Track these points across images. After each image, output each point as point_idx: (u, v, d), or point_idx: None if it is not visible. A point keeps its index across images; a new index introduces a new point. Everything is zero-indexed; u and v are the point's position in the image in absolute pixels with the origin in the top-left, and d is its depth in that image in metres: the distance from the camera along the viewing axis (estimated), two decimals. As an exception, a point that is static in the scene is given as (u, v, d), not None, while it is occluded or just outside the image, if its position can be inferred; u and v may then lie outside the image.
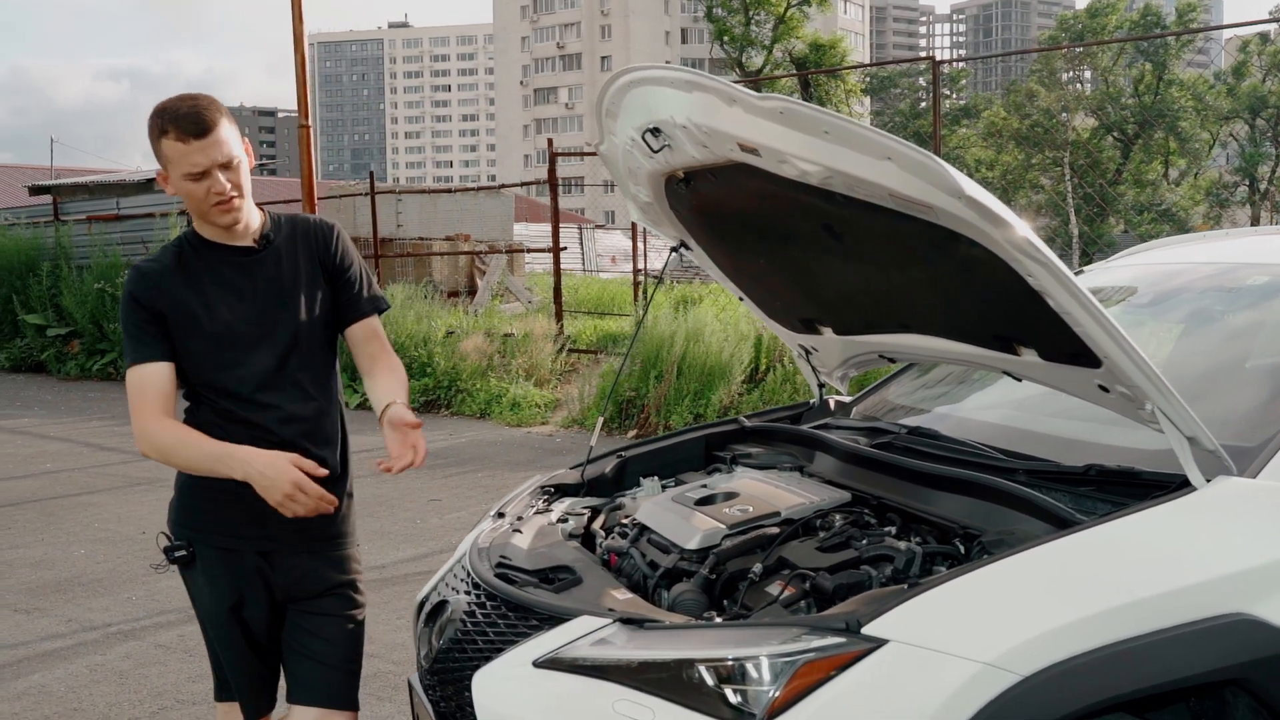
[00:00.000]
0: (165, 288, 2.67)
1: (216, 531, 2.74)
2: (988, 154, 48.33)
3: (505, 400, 11.62)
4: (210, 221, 2.69)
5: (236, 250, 2.75)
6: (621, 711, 2.20)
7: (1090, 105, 47.79)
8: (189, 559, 2.77)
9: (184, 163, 2.57)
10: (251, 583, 2.76)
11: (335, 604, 2.84)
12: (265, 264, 2.76)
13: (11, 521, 7.62)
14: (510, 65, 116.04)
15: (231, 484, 2.67)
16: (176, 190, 2.64)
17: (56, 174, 35.46)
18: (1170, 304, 3.68)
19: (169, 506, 2.85)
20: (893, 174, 2.29)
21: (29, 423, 12.07)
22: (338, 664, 2.82)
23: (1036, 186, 44.56)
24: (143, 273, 2.70)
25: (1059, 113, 45.09)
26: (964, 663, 2.09)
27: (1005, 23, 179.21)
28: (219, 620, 2.78)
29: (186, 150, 2.55)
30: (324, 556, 2.83)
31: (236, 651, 2.81)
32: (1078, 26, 55.08)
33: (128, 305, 2.68)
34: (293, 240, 2.81)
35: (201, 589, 2.79)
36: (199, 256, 2.73)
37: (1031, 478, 2.75)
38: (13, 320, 17.16)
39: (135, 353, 2.66)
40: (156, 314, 2.65)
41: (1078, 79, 53.27)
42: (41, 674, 4.82)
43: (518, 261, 19.33)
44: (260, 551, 2.76)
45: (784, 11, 48.67)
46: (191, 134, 2.54)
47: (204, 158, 2.56)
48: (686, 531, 2.86)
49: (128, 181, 20.13)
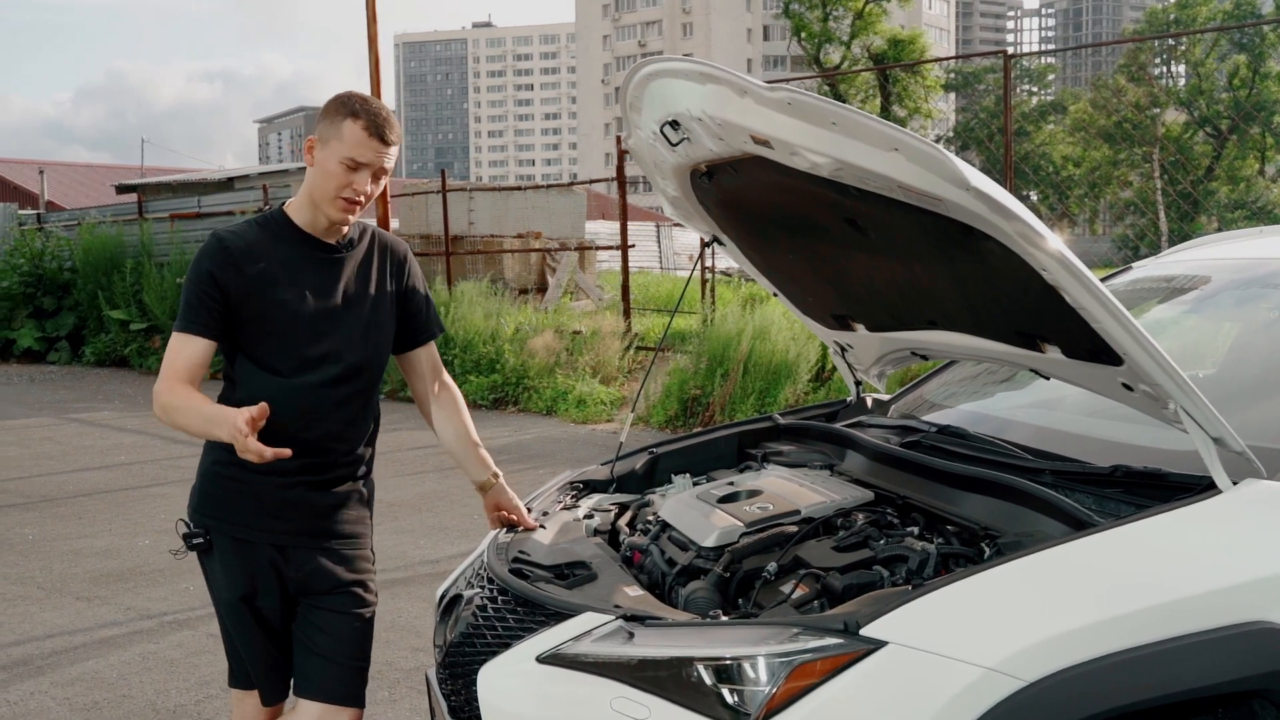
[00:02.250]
0: (242, 266, 2.70)
1: (233, 521, 2.78)
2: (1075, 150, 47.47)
3: (571, 397, 11.65)
4: (324, 211, 2.75)
5: (320, 244, 2.80)
6: (619, 709, 2.18)
7: (1181, 99, 46.64)
8: (206, 546, 2.80)
9: (354, 150, 2.66)
10: (265, 574, 2.79)
11: (345, 601, 2.85)
12: (344, 264, 2.83)
13: (84, 511, 7.82)
14: (592, 64, 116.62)
15: (247, 476, 2.71)
16: (320, 166, 2.70)
17: (146, 174, 36.38)
18: (1224, 299, 3.56)
19: (190, 493, 2.89)
20: (900, 165, 2.24)
21: (108, 415, 12.39)
22: (345, 661, 2.83)
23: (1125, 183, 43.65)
24: (224, 246, 2.71)
25: (1148, 107, 44.07)
26: (966, 667, 2.04)
27: (1096, 16, 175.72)
28: (233, 608, 2.81)
29: (364, 142, 2.67)
30: (336, 554, 2.84)
31: (252, 638, 2.84)
32: (1168, 19, 53.78)
33: (199, 274, 2.69)
34: (370, 250, 2.89)
35: (217, 576, 2.82)
36: (282, 240, 2.78)
37: (1057, 478, 2.68)
38: (98, 316, 17.63)
39: (185, 320, 2.69)
40: (224, 292, 2.68)
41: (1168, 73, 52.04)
42: (96, 660, 4.93)
43: (590, 259, 19.38)
44: (274, 544, 2.79)
45: (862, 7, 48.18)
46: (377, 135, 2.67)
47: (373, 156, 2.68)
48: (705, 529, 2.82)
49: (209, 180, 20.58)
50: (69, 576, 6.24)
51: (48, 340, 18.30)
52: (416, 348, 3.01)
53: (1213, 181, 43.19)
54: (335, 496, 2.84)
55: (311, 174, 2.75)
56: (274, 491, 2.74)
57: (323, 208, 2.74)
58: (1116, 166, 44.16)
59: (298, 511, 2.78)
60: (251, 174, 20.33)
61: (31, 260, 18.58)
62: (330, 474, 2.81)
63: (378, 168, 2.70)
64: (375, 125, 2.67)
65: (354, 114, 2.67)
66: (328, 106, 2.74)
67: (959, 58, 47.06)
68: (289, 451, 2.50)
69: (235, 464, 2.71)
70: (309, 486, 2.78)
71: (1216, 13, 50.42)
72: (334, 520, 2.83)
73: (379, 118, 2.68)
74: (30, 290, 18.39)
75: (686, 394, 10.69)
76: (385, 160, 2.71)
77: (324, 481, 2.81)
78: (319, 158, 2.72)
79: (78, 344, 18.16)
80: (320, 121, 2.73)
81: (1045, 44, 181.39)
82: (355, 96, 2.72)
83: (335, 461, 2.82)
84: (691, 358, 11.02)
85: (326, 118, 2.71)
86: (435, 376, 3.07)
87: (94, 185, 37.17)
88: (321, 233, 2.80)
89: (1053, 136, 49.20)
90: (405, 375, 3.08)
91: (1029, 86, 59.60)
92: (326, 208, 2.73)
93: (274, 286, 2.71)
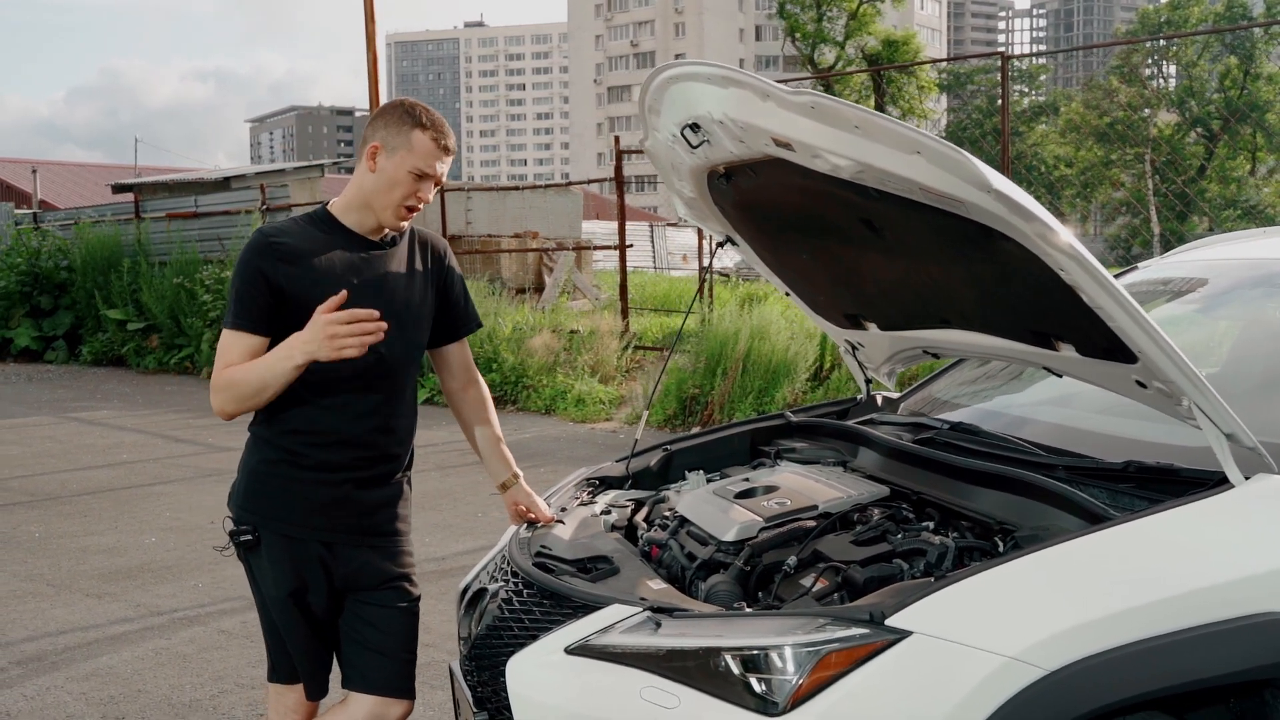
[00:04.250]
0: (289, 261, 2.73)
1: (282, 519, 2.81)
2: (1067, 150, 47.52)
3: (570, 396, 11.70)
4: (381, 217, 2.80)
5: (365, 242, 2.85)
6: (649, 698, 2.23)
7: (1173, 100, 46.77)
8: (254, 543, 2.83)
9: (423, 161, 2.73)
10: (313, 570, 2.83)
11: (392, 596, 2.90)
12: (388, 260, 2.87)
13: (88, 509, 7.86)
14: (584, 64, 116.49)
15: (297, 473, 2.77)
16: (385, 174, 2.75)
17: (141, 173, 36.32)
18: (1227, 299, 3.63)
19: (231, 490, 2.92)
20: (922, 168, 2.30)
21: (107, 414, 12.41)
22: (395, 653, 2.89)
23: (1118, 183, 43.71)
24: (270, 243, 2.74)
25: (1140, 108, 44.19)
26: (988, 656, 2.09)
27: (1087, 17, 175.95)
28: (281, 604, 2.84)
29: (434, 153, 2.75)
30: (382, 550, 2.89)
31: (299, 634, 2.87)
32: (1159, 20, 53.93)
33: (249, 271, 2.72)
34: (412, 245, 2.94)
35: (265, 573, 2.84)
36: (327, 237, 2.82)
37: (1070, 474, 2.74)
38: (95, 315, 17.65)
39: (236, 316, 2.71)
40: (272, 287, 2.71)
41: (1159, 74, 52.18)
42: (109, 656, 4.97)
43: (586, 259, 19.43)
44: (323, 541, 2.82)
45: (856, 8, 48.26)
46: (444, 147, 2.77)
47: (440, 167, 2.77)
48: (724, 524, 2.88)
49: (206, 180, 20.59)
50: (77, 574, 6.28)
51: (45, 339, 18.32)
52: (453, 342, 3.05)
53: (1204, 182, 43.30)
54: (381, 494, 2.88)
55: (373, 180, 2.77)
56: (322, 489, 2.79)
57: (381, 214, 2.79)
58: (1109, 167, 44.22)
59: (346, 509, 2.82)
60: (248, 174, 20.34)
61: (28, 259, 18.58)
62: (376, 469, 2.86)
63: (438, 176, 2.79)
64: (442, 137, 2.75)
65: (421, 125, 2.73)
66: (388, 114, 2.76)
67: (956, 59, 47.14)
68: (376, 313, 2.55)
69: (286, 462, 2.77)
70: (356, 484, 2.82)
71: (1209, 14, 50.57)
72: (380, 517, 2.88)
73: (444, 129, 2.77)
74: (27, 289, 18.40)
75: (685, 393, 10.75)
76: (444, 169, 2.80)
77: (370, 478, 2.85)
78: (384, 165, 2.75)
79: (75, 343, 18.19)
80: (380, 129, 2.75)
81: (1037, 45, 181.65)
82: (418, 106, 2.77)
83: (381, 456, 2.86)
84: (690, 357, 11.08)
85: (390, 126, 2.74)
86: (467, 374, 3.13)
87: (87, 185, 37.12)
88: (367, 232, 2.85)
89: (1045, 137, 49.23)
90: (437, 370, 3.12)
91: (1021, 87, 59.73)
92: (385, 214, 2.78)
93: (319, 282, 2.73)
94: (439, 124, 2.75)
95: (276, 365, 2.62)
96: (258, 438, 2.84)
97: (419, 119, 2.73)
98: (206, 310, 15.70)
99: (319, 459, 2.78)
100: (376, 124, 2.77)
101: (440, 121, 2.76)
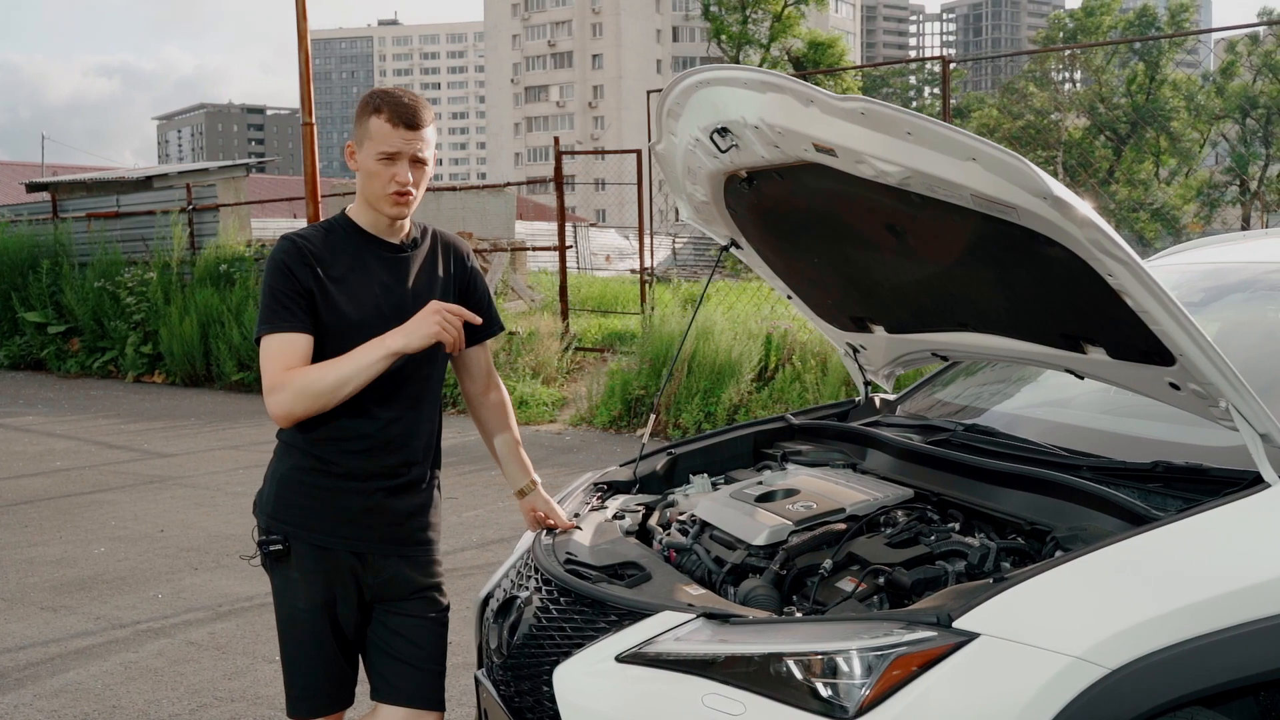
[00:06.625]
0: (316, 265, 2.70)
1: (313, 528, 2.75)
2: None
3: (513, 398, 11.60)
4: (379, 210, 2.76)
5: (386, 244, 2.81)
6: (712, 705, 2.22)
7: (1083, 105, 47.91)
8: (284, 553, 2.76)
9: (384, 143, 2.68)
10: (344, 581, 2.78)
11: (422, 606, 2.86)
12: (410, 263, 2.84)
13: (28, 519, 7.61)
14: (501, 63, 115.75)
15: (328, 483, 2.73)
16: (361, 168, 2.72)
17: (49, 171, 35.31)
18: (1217, 303, 3.71)
19: (257, 498, 2.86)
20: (977, 175, 2.31)
21: (33, 420, 12.04)
22: (425, 665, 2.85)
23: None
24: (298, 247, 2.72)
25: (1051, 112, 45.21)
26: (1054, 656, 2.12)
27: (995, 22, 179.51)
28: (310, 615, 2.77)
29: (392, 132, 2.67)
30: (412, 560, 2.85)
31: (324, 647, 2.80)
32: (1070, 26, 55.24)
33: (279, 272, 2.68)
34: (434, 249, 2.91)
35: (295, 583, 2.78)
36: (349, 242, 2.78)
37: (1097, 474, 2.77)
38: (12, 318, 17.09)
39: (276, 320, 2.65)
40: (305, 289, 2.68)
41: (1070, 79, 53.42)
42: (76, 671, 4.82)
43: (520, 260, 19.31)
44: (354, 551, 2.78)
45: (781, 10, 48.68)
46: (403, 123, 2.68)
47: (403, 144, 2.69)
48: (752, 528, 2.88)
49: (127, 179, 20.06)
50: (28, 586, 6.08)
51: (-44, 344, 17.69)
52: (474, 345, 3.00)
53: (1113, 184, 44.43)
54: (412, 501, 2.84)
55: (359, 178, 2.77)
56: (355, 498, 2.74)
57: (377, 206, 2.76)
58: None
59: (378, 518, 2.78)
60: (171, 173, 19.85)
61: (-63, 260, 17.92)
62: (406, 477, 2.81)
63: (412, 155, 2.71)
64: (398, 113, 2.68)
65: (376, 110, 2.69)
66: (357, 110, 2.76)
67: (901, 62, 47.91)
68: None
69: (317, 470, 2.72)
70: (387, 493, 2.78)
71: (1119, 20, 51.89)
72: (412, 525, 2.85)
73: (401, 104, 2.69)
74: (-64, 291, 17.75)
75: (630, 394, 10.75)
76: (418, 147, 2.71)
77: (400, 486, 2.81)
78: (360, 160, 2.74)
79: (-11, 347, 17.58)
80: (354, 127, 2.77)
81: (947, 49, 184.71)
82: (379, 92, 2.74)
83: (410, 461, 2.82)
84: (633, 358, 11.08)
85: (357, 121, 2.75)
86: (488, 378, 3.09)
87: (-5, 183, 35.99)
88: (385, 232, 2.81)
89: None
90: (458, 374, 3.08)
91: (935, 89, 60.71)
92: (380, 205, 2.75)
93: (345, 285, 2.72)
94: (396, 102, 2.69)
95: (364, 357, 2.60)
96: (288, 445, 2.78)
97: (376, 105, 2.70)
98: (130, 313, 15.30)
99: (349, 466, 2.73)
100: (354, 124, 2.77)
101: (398, 99, 2.70)
